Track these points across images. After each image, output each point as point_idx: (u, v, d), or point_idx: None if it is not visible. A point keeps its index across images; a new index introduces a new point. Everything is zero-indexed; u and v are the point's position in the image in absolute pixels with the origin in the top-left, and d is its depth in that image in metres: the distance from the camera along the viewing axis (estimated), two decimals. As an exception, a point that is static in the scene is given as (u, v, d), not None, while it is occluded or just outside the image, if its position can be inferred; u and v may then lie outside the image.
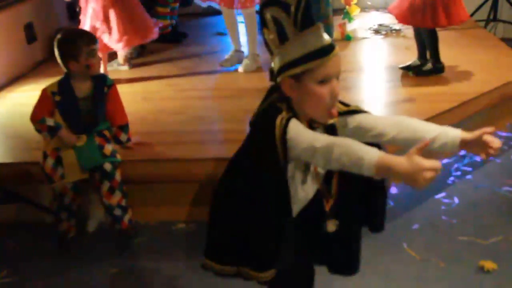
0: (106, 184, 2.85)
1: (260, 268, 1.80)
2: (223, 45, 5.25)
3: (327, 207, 1.85)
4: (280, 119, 1.62)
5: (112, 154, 2.89)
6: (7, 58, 4.54)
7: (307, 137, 1.61)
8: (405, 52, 4.59)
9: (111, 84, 2.96)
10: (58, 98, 2.83)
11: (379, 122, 1.76)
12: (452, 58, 4.40)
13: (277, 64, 1.67)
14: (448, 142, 1.66)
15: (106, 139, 2.94)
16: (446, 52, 4.52)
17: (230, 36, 4.63)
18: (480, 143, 1.65)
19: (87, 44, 2.79)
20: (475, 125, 1.70)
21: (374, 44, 5.10)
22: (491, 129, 1.67)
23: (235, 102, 3.89)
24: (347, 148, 1.54)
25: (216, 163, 3.03)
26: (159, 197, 3.18)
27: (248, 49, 4.53)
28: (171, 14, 5.47)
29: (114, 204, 2.88)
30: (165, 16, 5.46)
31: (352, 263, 1.99)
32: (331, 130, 1.75)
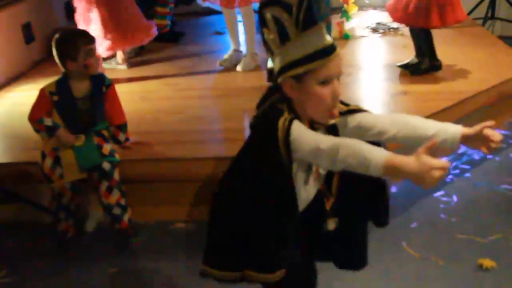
0: (105, 184, 2.85)
1: (270, 269, 1.79)
2: (222, 44, 5.25)
3: (327, 206, 1.85)
4: (282, 121, 1.61)
5: (111, 154, 2.89)
6: (5, 58, 4.54)
7: (311, 138, 1.60)
8: (402, 50, 4.59)
9: (109, 84, 2.96)
10: (56, 98, 2.83)
11: (379, 120, 1.75)
12: (450, 56, 4.40)
13: (277, 65, 1.65)
14: (448, 138, 1.66)
15: (105, 139, 2.94)
16: (444, 50, 4.52)
17: (230, 35, 4.62)
18: (480, 138, 1.65)
19: (85, 43, 2.79)
20: (473, 123, 1.69)
21: (372, 42, 5.10)
22: (491, 122, 1.66)
23: (234, 101, 3.89)
24: (353, 149, 1.53)
25: (215, 162, 3.03)
26: (158, 196, 3.17)
27: (246, 48, 4.53)
28: (170, 14, 5.48)
29: (113, 203, 2.88)
30: (164, 16, 5.45)
31: (359, 258, 1.99)
32: (332, 130, 1.75)
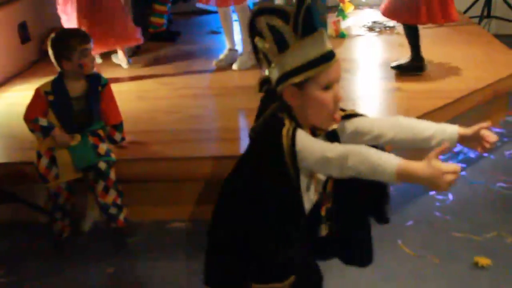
0: (101, 184, 2.85)
1: (281, 278, 1.80)
2: (218, 43, 5.24)
3: (322, 211, 1.85)
4: (286, 131, 1.59)
5: (107, 153, 2.89)
6: (1, 58, 4.52)
7: (318, 147, 1.59)
8: (399, 49, 4.59)
9: (105, 83, 2.96)
10: (51, 97, 2.83)
11: (376, 124, 1.76)
12: (445, 55, 4.41)
13: (276, 74, 1.63)
14: (446, 138, 1.68)
15: (100, 139, 2.93)
16: (440, 48, 4.54)
17: (225, 34, 4.62)
18: (477, 138, 1.67)
19: (80, 43, 2.79)
20: (469, 121, 1.71)
21: (368, 41, 5.10)
22: (488, 124, 1.69)
23: (230, 101, 3.89)
24: (364, 157, 1.53)
25: (212, 161, 3.03)
26: (154, 196, 3.18)
27: (242, 46, 4.52)
28: (167, 12, 5.46)
29: (109, 203, 2.88)
30: (161, 15, 5.44)
31: (365, 256, 2.00)
32: (332, 136, 1.74)
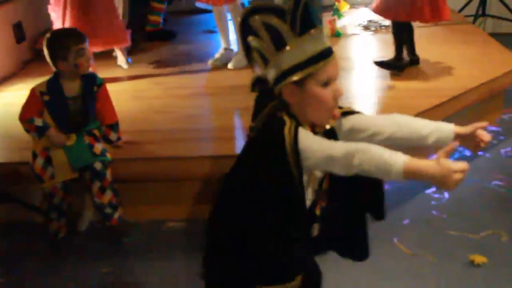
0: (97, 184, 2.85)
1: (286, 279, 1.81)
2: (213, 43, 5.24)
3: (317, 210, 1.84)
4: (287, 129, 1.58)
5: (102, 153, 2.89)
6: (-4, 58, 4.52)
7: (322, 146, 1.59)
8: (394, 48, 4.59)
9: (101, 83, 2.95)
10: (47, 97, 2.82)
11: (373, 122, 1.75)
12: (441, 53, 4.41)
13: (274, 72, 1.61)
14: (442, 137, 1.68)
15: (96, 138, 2.93)
16: (435, 47, 4.55)
17: (220, 33, 4.61)
18: (472, 137, 1.68)
19: (75, 43, 2.78)
20: (465, 120, 1.72)
21: (363, 40, 5.10)
22: (485, 123, 1.70)
23: (225, 100, 3.88)
24: (370, 155, 1.52)
25: (208, 161, 3.03)
26: (150, 195, 3.17)
27: (238, 45, 4.51)
28: (163, 11, 5.45)
29: (105, 203, 2.88)
30: (159, 13, 5.43)
31: (361, 250, 1.98)
32: (330, 133, 1.73)
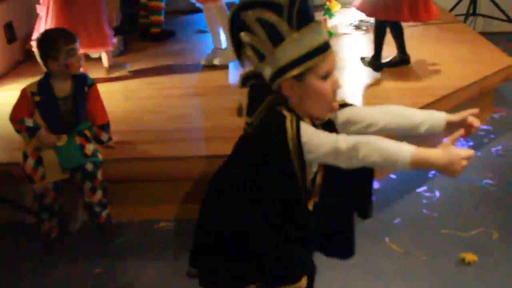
0: (88, 184, 2.85)
1: (295, 279, 1.82)
2: (205, 43, 5.23)
3: (310, 205, 1.84)
4: (289, 123, 1.58)
5: (94, 154, 2.88)
6: (-13, 58, 4.51)
7: (326, 139, 1.59)
8: (385, 47, 4.60)
9: (92, 84, 2.94)
10: (37, 98, 2.81)
11: (368, 113, 1.79)
12: (432, 53, 4.43)
13: (272, 68, 1.61)
14: (434, 125, 1.73)
15: (87, 139, 2.92)
16: (426, 46, 4.57)
17: (211, 33, 4.61)
18: (463, 124, 1.72)
19: (66, 43, 2.77)
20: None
21: (355, 39, 5.12)
22: (475, 110, 1.74)
23: (218, 99, 3.88)
24: (375, 146, 1.54)
25: (199, 161, 3.03)
26: (142, 196, 3.17)
27: (221, 43, 4.50)
28: (163, 9, 5.42)
29: (96, 202, 2.89)
30: (160, 12, 5.40)
31: (346, 248, 1.98)
32: (328, 125, 1.74)
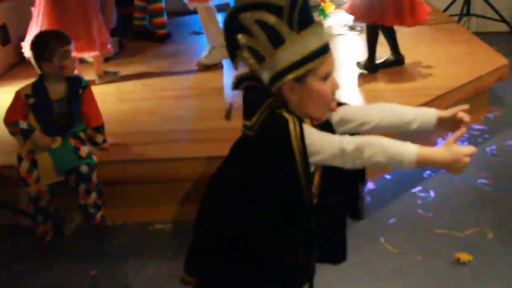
0: (83, 186, 2.84)
1: (298, 285, 1.82)
2: (200, 44, 5.23)
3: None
4: (292, 126, 1.57)
5: (88, 156, 2.88)
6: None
7: (330, 141, 1.59)
8: (378, 48, 4.61)
9: (86, 85, 2.94)
10: (32, 100, 2.80)
11: (361, 112, 1.79)
12: (426, 53, 4.44)
13: (271, 70, 1.59)
14: (425, 121, 1.74)
15: (82, 141, 2.92)
16: (420, 47, 4.59)
17: (205, 34, 4.60)
18: (453, 120, 1.73)
19: (60, 45, 2.77)
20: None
21: (349, 40, 5.12)
22: (466, 106, 1.75)
23: (213, 101, 3.88)
24: (379, 147, 1.56)
25: (194, 162, 3.03)
26: (137, 197, 3.17)
27: (214, 41, 4.50)
28: (164, 9, 5.41)
29: (90, 203, 2.89)
30: (161, 13, 5.39)
31: (339, 252, 1.97)
32: (326, 126, 1.74)
